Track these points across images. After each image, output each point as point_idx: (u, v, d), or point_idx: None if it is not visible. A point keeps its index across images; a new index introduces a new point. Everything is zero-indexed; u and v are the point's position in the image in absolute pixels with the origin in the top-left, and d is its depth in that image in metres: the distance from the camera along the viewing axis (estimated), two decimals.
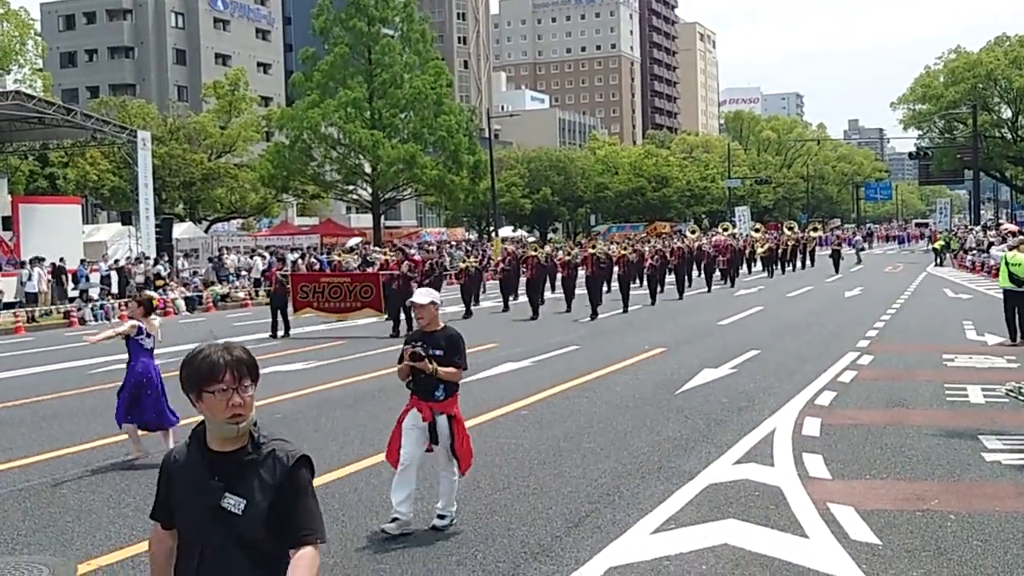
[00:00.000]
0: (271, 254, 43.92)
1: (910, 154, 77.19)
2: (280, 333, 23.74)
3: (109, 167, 54.32)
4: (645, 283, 31.46)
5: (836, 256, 47.85)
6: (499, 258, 33.91)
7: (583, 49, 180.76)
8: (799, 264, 51.62)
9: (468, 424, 11.50)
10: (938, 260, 54.90)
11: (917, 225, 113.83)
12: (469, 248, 54.71)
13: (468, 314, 27.67)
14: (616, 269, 28.86)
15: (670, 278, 34.00)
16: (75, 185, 53.83)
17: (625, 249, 29.76)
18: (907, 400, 12.71)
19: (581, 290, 28.02)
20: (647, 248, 33.71)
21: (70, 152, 50.06)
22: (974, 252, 48.25)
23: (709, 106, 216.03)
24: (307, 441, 10.96)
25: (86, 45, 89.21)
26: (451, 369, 7.41)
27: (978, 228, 59.88)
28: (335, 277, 26.08)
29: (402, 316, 23.25)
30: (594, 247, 28.30)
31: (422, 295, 7.55)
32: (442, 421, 7.46)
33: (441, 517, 7.54)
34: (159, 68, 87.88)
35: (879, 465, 9.25)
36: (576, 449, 10.21)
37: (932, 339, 19.54)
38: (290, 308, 24.42)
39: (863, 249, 63.42)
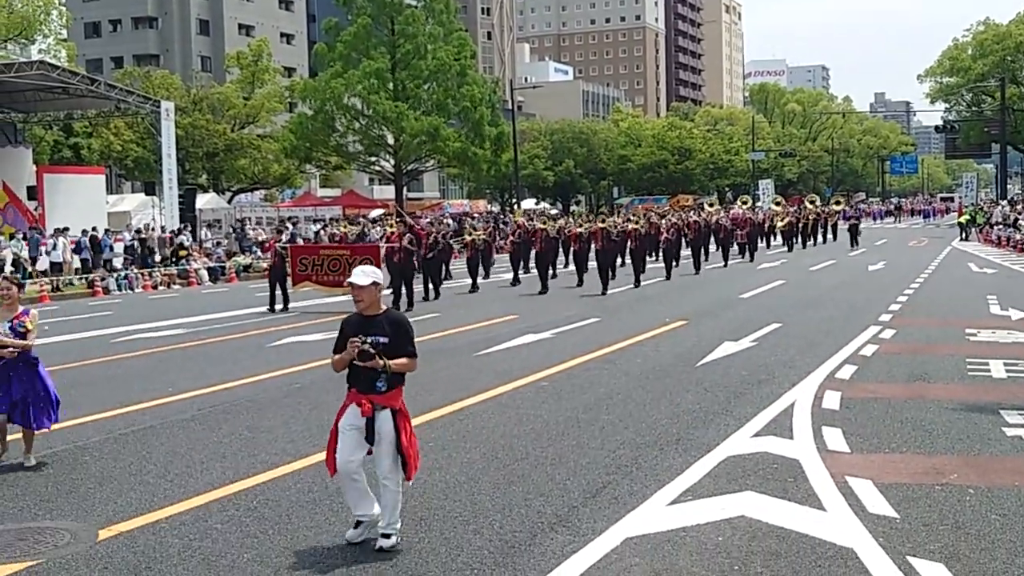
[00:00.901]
0: (272, 225, 43.44)
1: (937, 127, 76.62)
2: (279, 307, 23.24)
3: (133, 137, 54.54)
4: (661, 257, 31.17)
5: (854, 230, 47.46)
6: (509, 231, 33.36)
7: (607, 20, 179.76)
8: (820, 238, 51.15)
9: (488, 395, 11.65)
10: (963, 234, 54.53)
11: (943, 199, 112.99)
12: (492, 220, 54.59)
13: (475, 288, 27.35)
14: (629, 243, 28.43)
15: (686, 252, 33.71)
16: (99, 155, 54.08)
17: (637, 223, 29.26)
18: (928, 374, 12.64)
19: (593, 263, 27.83)
20: (663, 222, 33.27)
21: (94, 122, 50.24)
22: (1000, 226, 47.88)
23: (734, 78, 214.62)
24: (327, 411, 11.00)
25: (110, 15, 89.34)
26: (403, 360, 6.50)
27: (1005, 202, 59.42)
28: (335, 249, 25.54)
29: (417, 289, 23.04)
30: (604, 220, 27.71)
31: (362, 274, 6.57)
32: (384, 417, 6.48)
33: (386, 536, 6.52)
34: (183, 38, 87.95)
35: (898, 439, 9.22)
36: (595, 420, 10.21)
37: (955, 313, 19.42)
38: (289, 281, 23.81)
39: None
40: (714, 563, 6.11)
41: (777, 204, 54.01)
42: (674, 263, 30.95)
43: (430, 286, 25.58)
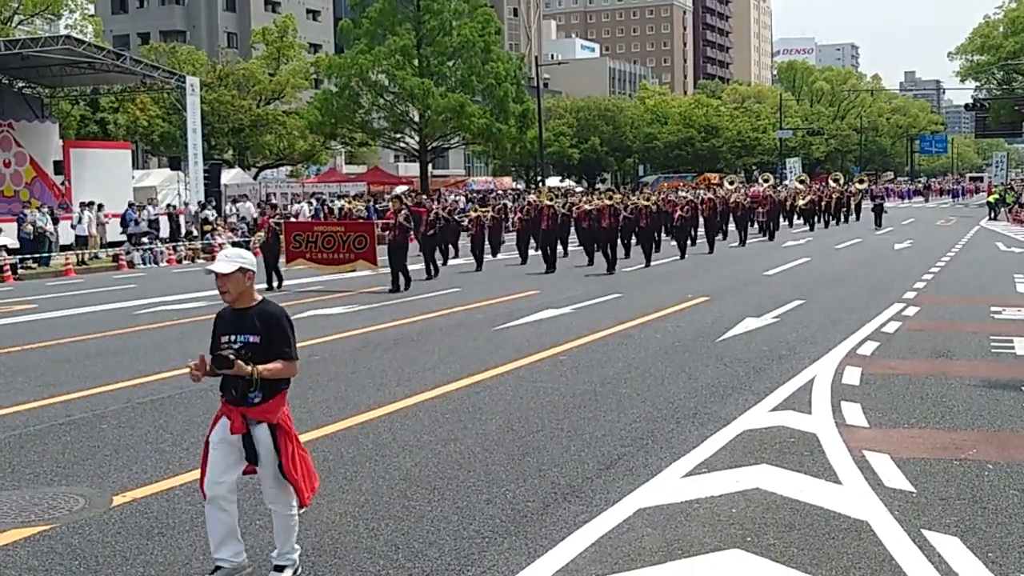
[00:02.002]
0: (266, 201, 42.67)
1: (966, 106, 75.66)
2: (275, 284, 22.62)
3: (159, 113, 54.65)
4: (674, 236, 30.61)
5: (879, 210, 46.55)
6: (517, 208, 32.64)
7: None
8: (843, 218, 50.23)
9: (506, 368, 11.62)
10: (992, 214, 54.04)
11: (972, 179, 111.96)
12: (517, 195, 54.42)
13: (479, 268, 26.71)
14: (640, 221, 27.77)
15: (701, 231, 33.15)
16: (125, 130, 54.26)
17: (647, 200, 28.77)
18: (951, 351, 12.52)
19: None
20: (679, 198, 32.66)
21: (120, 97, 50.35)
22: None
23: (762, 56, 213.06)
24: (345, 382, 11.03)
25: None
26: (276, 365, 5.32)
27: None
28: (329, 226, 25.00)
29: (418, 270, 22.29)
30: (611, 198, 26.95)
31: (225, 260, 5.38)
32: (261, 433, 5.37)
33: (278, 568, 5.48)
34: (209, 14, 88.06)
35: (918, 414, 9.14)
36: (612, 394, 10.17)
37: (981, 292, 19.26)
38: (282, 259, 23.19)
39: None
40: (727, 534, 6.07)
41: (801, 182, 53.38)
42: (688, 242, 30.41)
43: (430, 265, 24.43)
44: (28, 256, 30.92)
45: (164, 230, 37.37)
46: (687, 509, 6.55)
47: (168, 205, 39.49)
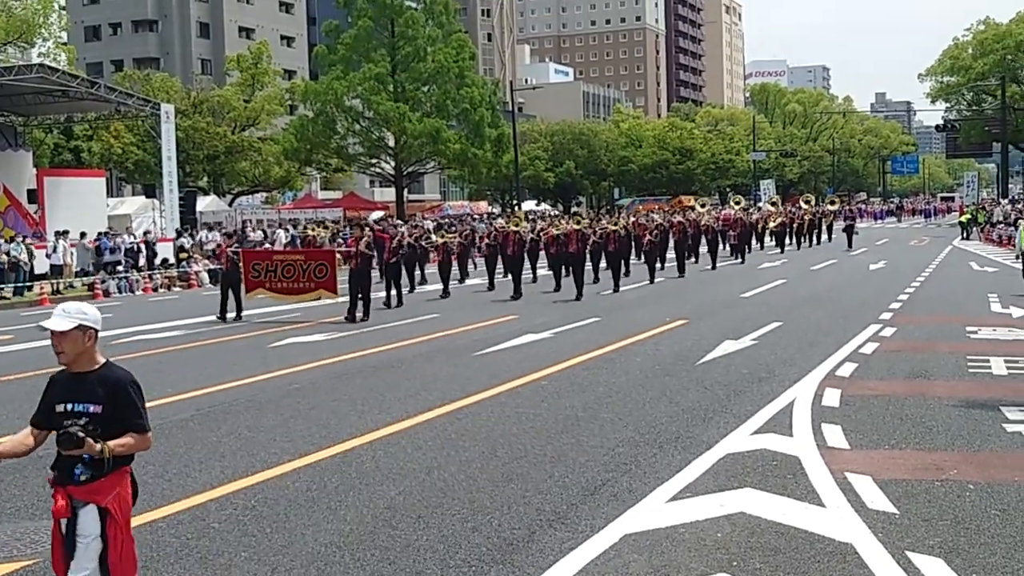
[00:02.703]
0: (224, 232, 42.07)
1: (937, 127, 76.48)
2: (232, 315, 21.65)
3: (133, 140, 54.58)
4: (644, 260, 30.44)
5: (850, 231, 46.50)
6: (485, 233, 32.38)
7: (608, 22, 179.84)
8: (815, 239, 49.90)
9: (488, 394, 11.63)
10: (964, 233, 54.52)
11: (943, 199, 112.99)
12: (491, 219, 54.39)
13: (445, 293, 26.24)
14: (608, 246, 27.58)
15: (671, 255, 33.03)
16: (99, 158, 54.11)
17: (616, 224, 28.70)
18: (929, 371, 12.62)
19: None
20: (648, 222, 32.60)
21: (94, 125, 50.24)
22: (1001, 225, 47.81)
23: (735, 79, 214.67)
24: (326, 411, 11.00)
25: (110, 19, 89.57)
26: (128, 440, 4.58)
27: (1006, 201, 59.44)
28: (288, 255, 24.57)
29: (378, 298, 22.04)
30: (578, 222, 26.79)
31: (62, 316, 4.69)
32: (86, 518, 4.54)
33: None
34: (183, 41, 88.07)
35: (898, 435, 9.20)
36: (594, 419, 10.19)
37: (956, 311, 19.41)
38: (243, 288, 22.37)
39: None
40: (713, 559, 6.09)
41: (773, 204, 53.48)
42: (658, 266, 30.15)
43: (392, 292, 23.98)
44: (3, 286, 30.68)
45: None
46: (673, 534, 6.57)
47: (144, 232, 39.32)
